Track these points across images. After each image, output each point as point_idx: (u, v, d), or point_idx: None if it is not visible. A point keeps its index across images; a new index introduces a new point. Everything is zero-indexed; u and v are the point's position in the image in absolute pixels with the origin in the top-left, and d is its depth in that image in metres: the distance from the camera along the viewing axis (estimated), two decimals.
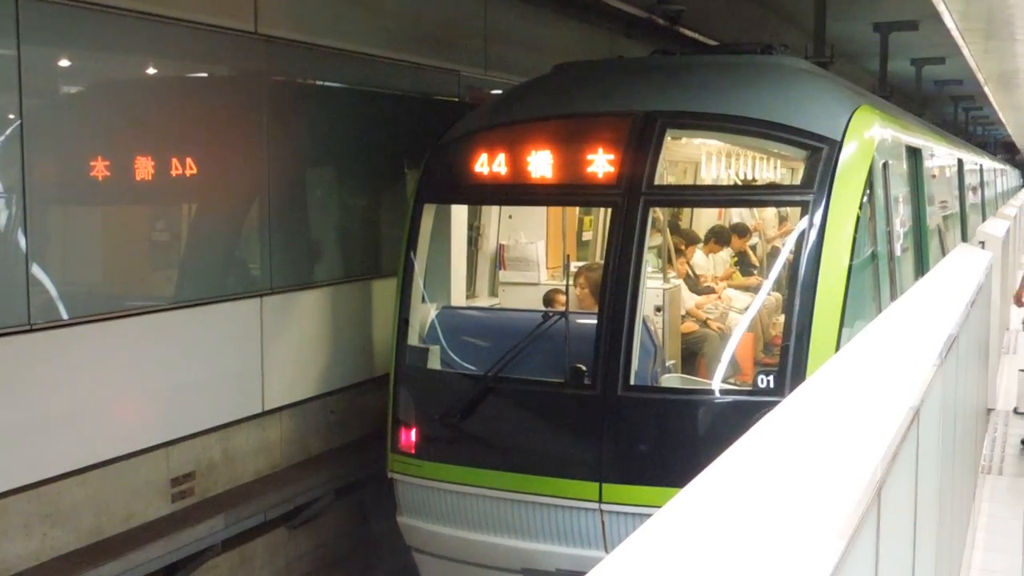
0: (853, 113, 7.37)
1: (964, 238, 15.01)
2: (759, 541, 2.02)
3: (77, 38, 6.90)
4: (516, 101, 8.26)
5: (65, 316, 6.71)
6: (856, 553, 2.27)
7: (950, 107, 34.34)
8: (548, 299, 8.91)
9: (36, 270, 6.51)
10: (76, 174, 6.81)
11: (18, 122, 6.33)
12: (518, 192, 7.73)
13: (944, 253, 11.82)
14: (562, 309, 8.09)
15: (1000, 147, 57.03)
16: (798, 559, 1.95)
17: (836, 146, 7.00)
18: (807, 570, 1.92)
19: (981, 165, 23.19)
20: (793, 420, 2.90)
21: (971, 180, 19.83)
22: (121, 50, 7.30)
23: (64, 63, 6.92)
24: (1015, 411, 9.79)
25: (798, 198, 7.15)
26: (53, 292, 6.64)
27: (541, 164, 7.39)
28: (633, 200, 7.07)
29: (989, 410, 10.09)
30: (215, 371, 7.96)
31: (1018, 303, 11.29)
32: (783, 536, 2.06)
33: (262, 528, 8.18)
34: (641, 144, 7.19)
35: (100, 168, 6.90)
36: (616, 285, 6.96)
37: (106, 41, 7.13)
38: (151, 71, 7.62)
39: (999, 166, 34.48)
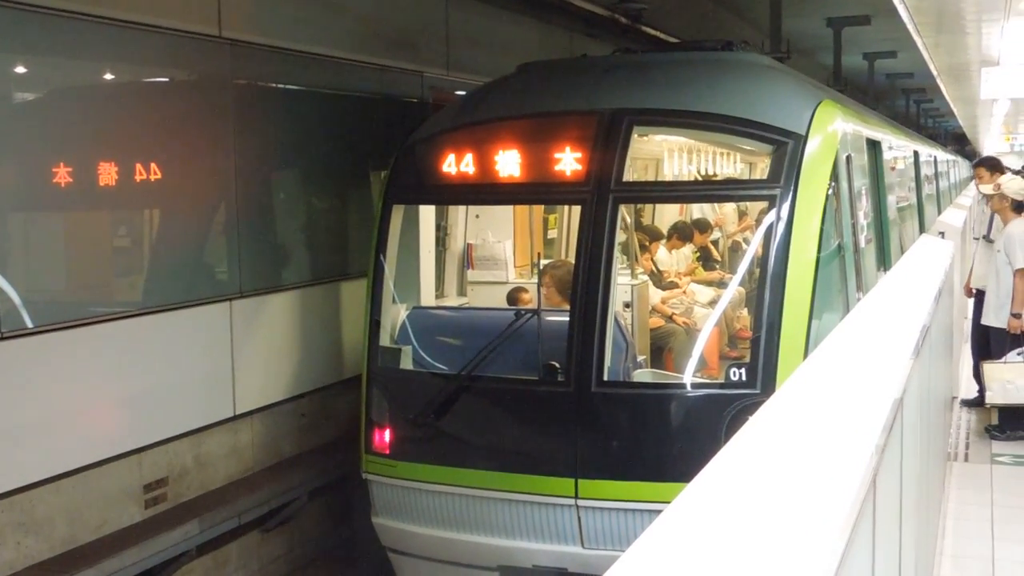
0: (816, 108, 7.46)
1: (922, 228, 15.20)
2: (767, 533, 2.05)
3: (41, 43, 6.85)
4: (482, 101, 8.28)
5: (36, 323, 6.66)
6: (857, 540, 2.32)
7: (902, 100, 34.72)
8: (512, 297, 8.95)
9: (3, 278, 6.45)
10: (42, 180, 6.76)
11: None
12: (487, 191, 7.75)
13: (903, 243, 11.97)
14: (526, 307, 8.14)
15: (951, 139, 57.73)
16: (805, 549, 1.99)
17: (801, 140, 7.08)
18: (815, 559, 1.96)
19: (935, 156, 23.48)
20: (787, 414, 2.95)
21: (926, 171, 20.07)
22: (86, 55, 7.27)
23: (28, 68, 6.86)
24: (984, 404, 9.91)
25: (765, 192, 7.21)
26: (22, 299, 6.59)
27: (509, 163, 7.42)
28: (602, 197, 7.11)
29: (953, 398, 10.24)
30: (186, 376, 7.92)
31: (968, 294, 11.37)
32: (788, 526, 2.09)
33: (236, 532, 8.16)
34: (608, 142, 7.24)
35: (66, 174, 6.86)
36: (587, 282, 7.00)
37: (70, 46, 7.09)
38: (117, 76, 7.58)
39: (951, 157, 34.90)
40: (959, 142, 60.72)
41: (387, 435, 7.47)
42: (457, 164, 7.55)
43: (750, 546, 1.98)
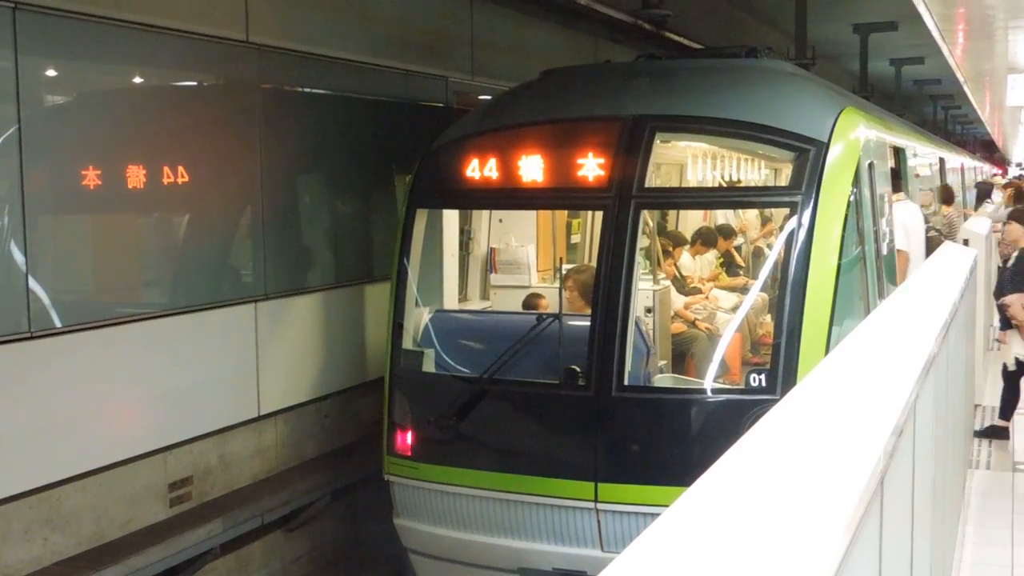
0: (839, 115, 7.48)
1: None
2: (769, 531, 2.09)
3: (73, 48, 6.96)
4: (506, 106, 8.34)
5: (65, 323, 6.76)
6: (862, 542, 2.36)
7: (929, 106, 34.60)
8: (528, 303, 8.99)
9: (35, 278, 6.56)
10: (74, 183, 6.87)
11: (17, 133, 6.39)
12: (510, 196, 7.80)
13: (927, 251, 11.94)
14: (543, 312, 8.18)
15: (979, 145, 57.40)
16: (808, 546, 2.03)
17: (823, 147, 7.10)
18: (817, 557, 2.00)
19: (962, 164, 23.40)
20: (795, 414, 2.99)
21: (952, 178, 20.01)
22: (116, 60, 7.38)
23: (61, 73, 6.98)
24: None
25: (786, 199, 7.25)
26: (53, 300, 6.69)
27: (532, 168, 7.47)
28: (624, 203, 7.14)
29: (976, 406, 10.22)
30: (211, 376, 8.02)
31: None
32: (790, 525, 2.13)
33: (259, 531, 8.24)
34: (631, 147, 7.27)
35: (96, 177, 6.96)
36: (609, 287, 7.03)
37: (101, 51, 7.20)
38: (144, 80, 7.69)
39: (978, 164, 34.73)
40: (987, 149, 60.38)
41: (409, 437, 7.53)
42: (481, 169, 7.61)
43: (751, 544, 2.02)
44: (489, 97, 11.02)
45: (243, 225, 8.51)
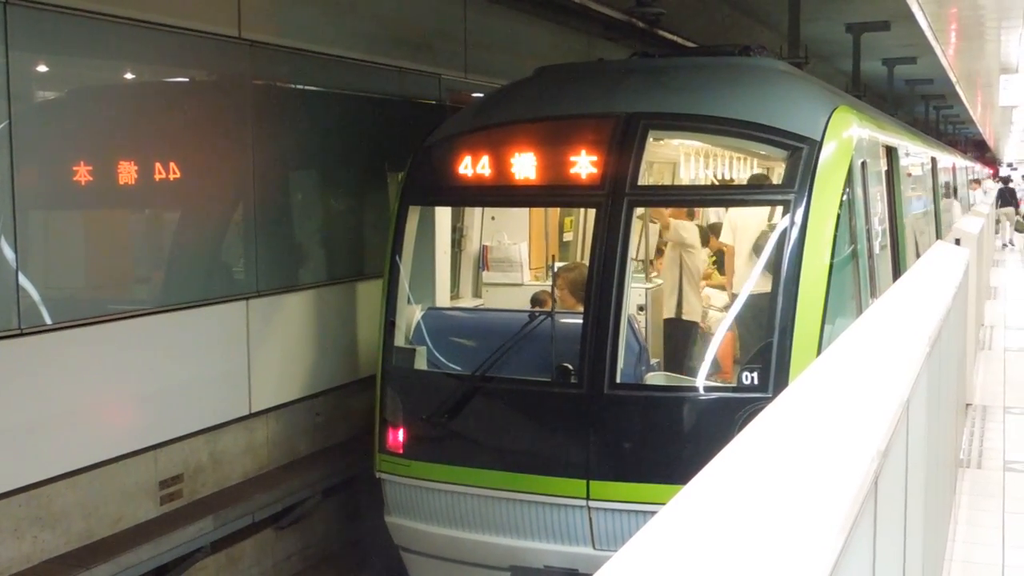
0: (832, 113, 7.48)
1: (938, 235, 15.17)
2: (763, 532, 2.08)
3: (64, 43, 6.93)
4: (499, 104, 8.33)
5: (55, 320, 6.73)
6: (856, 542, 2.35)
7: (921, 106, 34.65)
8: (537, 300, 8.97)
9: (26, 274, 6.53)
10: (65, 179, 6.84)
11: (7, 129, 6.36)
12: (503, 194, 7.80)
13: (919, 250, 11.96)
14: (535, 310, 8.17)
15: (970, 145, 57.52)
16: (801, 548, 2.02)
17: (816, 146, 7.10)
18: (813, 557, 1.99)
19: (954, 163, 23.43)
20: (789, 414, 2.98)
21: (944, 178, 20.03)
22: (107, 56, 7.35)
23: (52, 68, 6.95)
24: None
25: (779, 197, 7.25)
26: (43, 296, 6.67)
27: (525, 166, 7.46)
28: (617, 200, 7.15)
29: (967, 405, 10.23)
30: (202, 374, 8.00)
31: None
32: (784, 526, 2.12)
33: (250, 529, 8.22)
34: (624, 145, 7.27)
35: (87, 173, 6.93)
36: (601, 284, 7.03)
37: (92, 47, 7.17)
38: (137, 76, 7.66)
39: (970, 164, 34.79)
40: (979, 149, 60.52)
41: (401, 434, 7.52)
42: (473, 166, 7.60)
43: (745, 545, 2.01)
44: (482, 94, 11.00)
45: (235, 222, 8.49)
